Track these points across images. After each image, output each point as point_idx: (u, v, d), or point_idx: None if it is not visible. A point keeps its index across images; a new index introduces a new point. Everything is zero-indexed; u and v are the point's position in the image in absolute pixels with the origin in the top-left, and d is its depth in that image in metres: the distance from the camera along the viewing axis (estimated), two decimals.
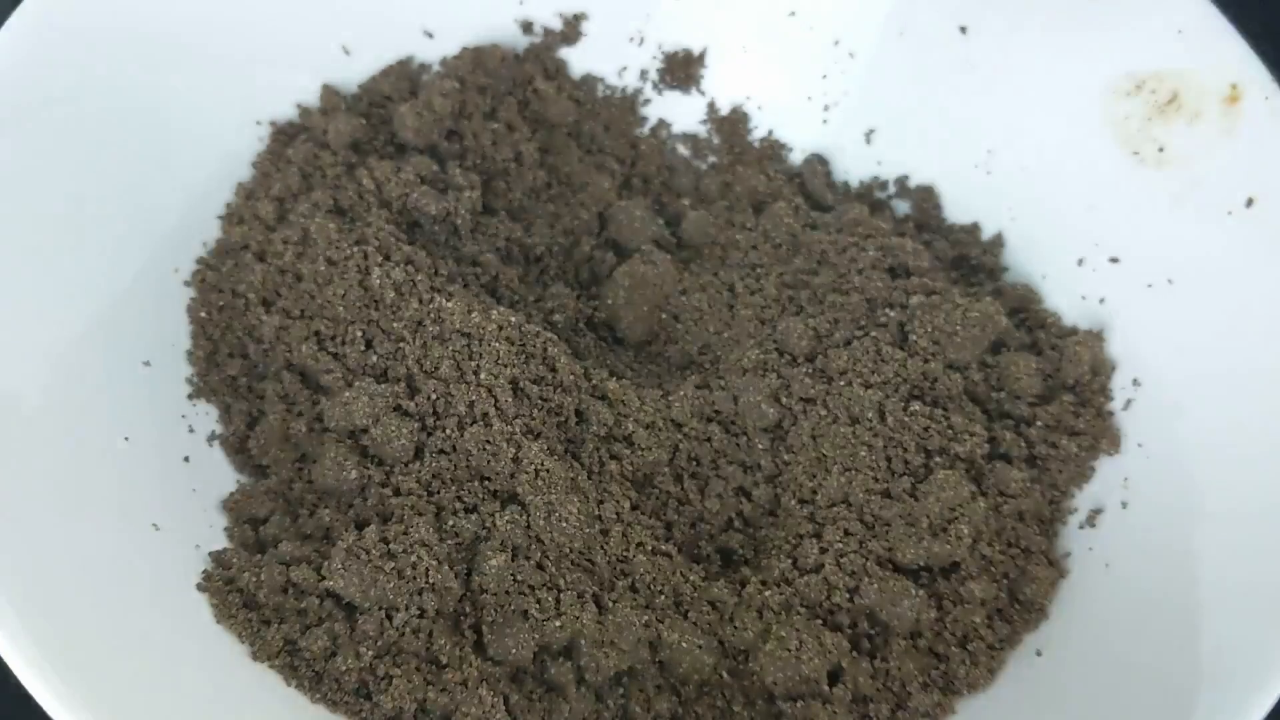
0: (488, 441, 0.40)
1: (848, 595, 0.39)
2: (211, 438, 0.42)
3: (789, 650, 0.38)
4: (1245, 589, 0.35)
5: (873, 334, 0.43)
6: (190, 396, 0.43)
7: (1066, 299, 0.46)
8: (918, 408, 0.41)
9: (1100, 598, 0.39)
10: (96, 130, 0.42)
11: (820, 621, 0.39)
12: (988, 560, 0.40)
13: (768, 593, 0.39)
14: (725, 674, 0.39)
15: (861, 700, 0.38)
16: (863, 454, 0.41)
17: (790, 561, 0.40)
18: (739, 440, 0.43)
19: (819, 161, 0.52)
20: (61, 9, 0.42)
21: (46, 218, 0.41)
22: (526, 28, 0.51)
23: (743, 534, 0.42)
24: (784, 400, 0.42)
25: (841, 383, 0.42)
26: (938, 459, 0.41)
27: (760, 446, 0.43)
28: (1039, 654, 0.39)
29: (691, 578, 0.40)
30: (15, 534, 0.34)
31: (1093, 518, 0.41)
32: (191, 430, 0.42)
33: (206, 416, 0.43)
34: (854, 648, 0.39)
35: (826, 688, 0.38)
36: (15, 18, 0.41)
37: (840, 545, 0.40)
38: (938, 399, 0.42)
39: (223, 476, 0.42)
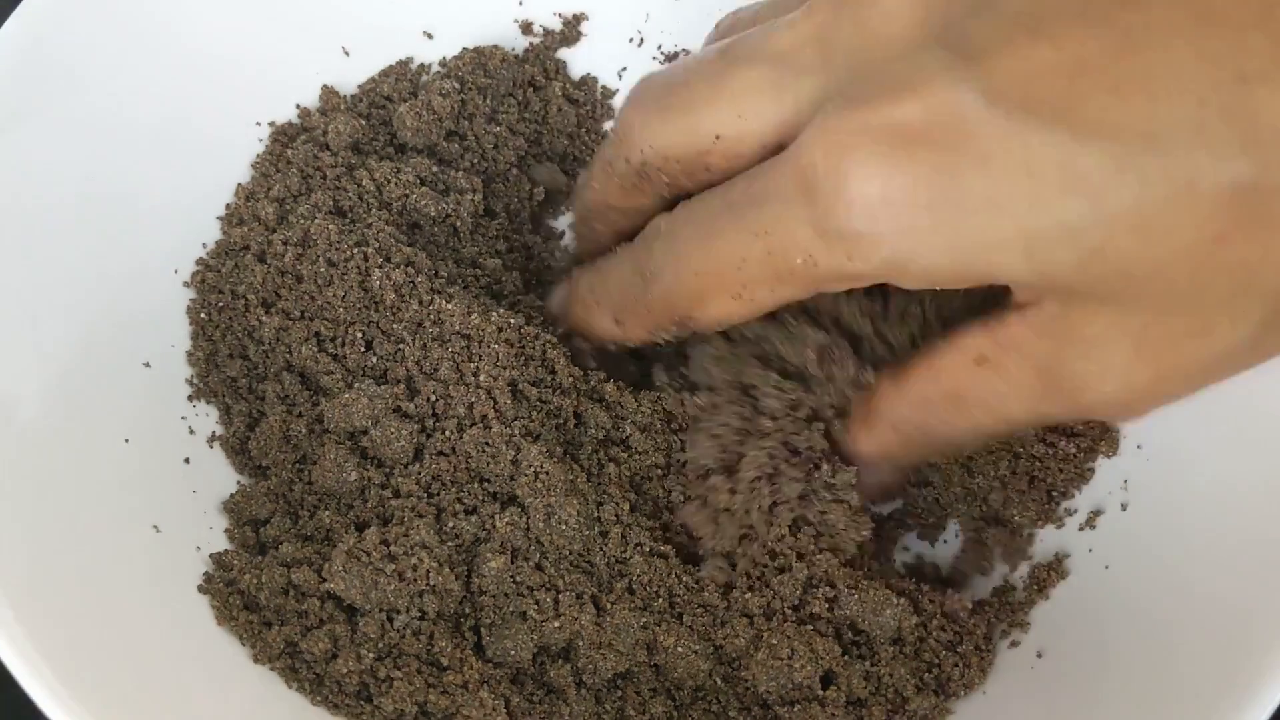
0: (487, 443, 0.40)
1: (827, 605, 0.39)
2: (212, 439, 0.42)
3: (780, 659, 0.38)
4: (1249, 588, 0.35)
5: None
6: (190, 398, 0.43)
7: None
8: None
9: (1101, 599, 0.39)
10: (93, 131, 0.42)
11: (810, 628, 0.39)
12: None
13: (749, 595, 0.39)
14: (720, 680, 0.39)
15: (856, 703, 0.38)
16: None
17: (769, 560, 0.40)
18: None
19: None
20: (59, 11, 0.42)
21: (43, 219, 0.40)
22: (526, 28, 0.51)
23: None
24: None
25: None
26: None
27: None
28: (1040, 656, 0.39)
29: (685, 579, 0.40)
30: (15, 537, 0.34)
31: (1092, 519, 0.41)
32: (192, 432, 0.42)
33: (206, 418, 0.43)
34: (845, 652, 0.39)
35: (820, 692, 0.38)
36: (13, 19, 0.41)
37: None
38: None
39: (223, 478, 0.42)
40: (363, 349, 0.42)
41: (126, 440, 0.39)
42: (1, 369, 0.37)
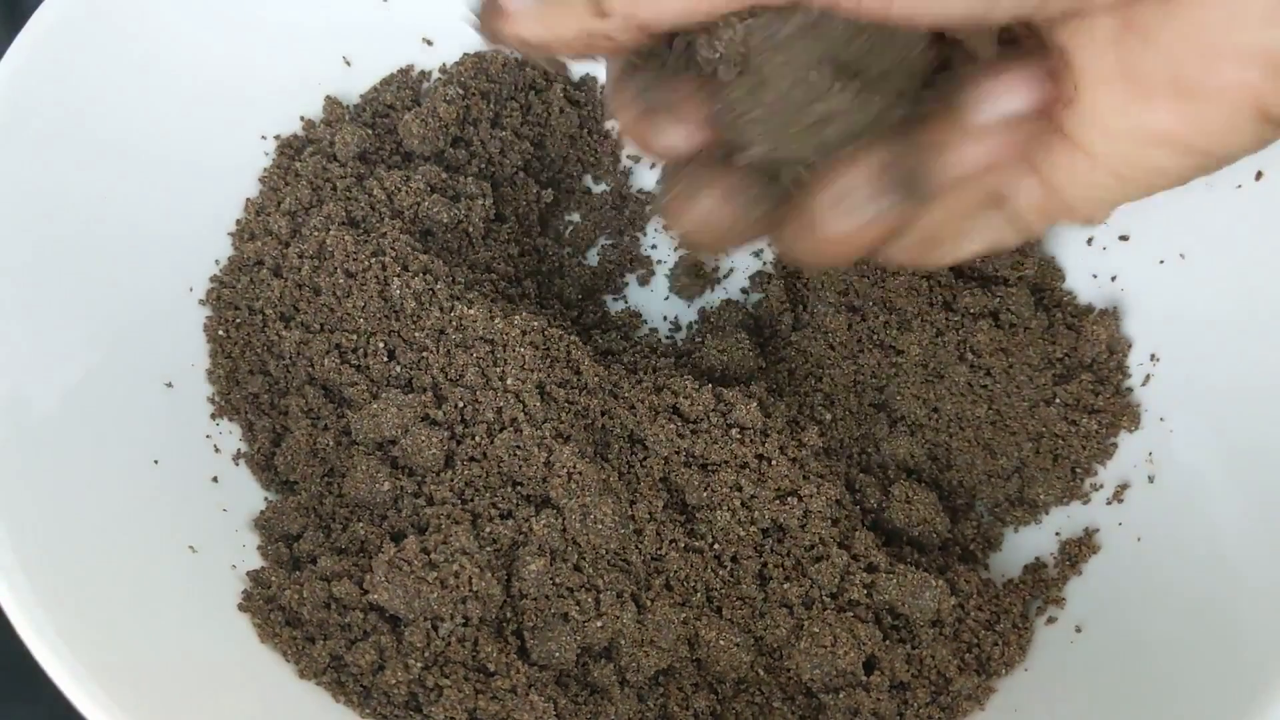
0: (518, 447, 0.39)
1: (865, 591, 0.39)
2: (237, 456, 0.42)
3: (823, 647, 0.38)
4: None
5: None
6: (213, 416, 0.42)
7: (1078, 279, 0.46)
8: None
9: (1137, 571, 0.39)
10: (98, 150, 0.42)
11: (850, 614, 0.39)
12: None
13: (787, 584, 0.39)
14: (762, 671, 0.39)
15: (900, 687, 0.39)
16: None
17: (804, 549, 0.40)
18: None
19: None
20: (66, 33, 0.41)
21: (49, 235, 0.40)
22: None
23: None
24: None
25: None
26: None
27: None
28: (1079, 630, 0.39)
29: (722, 573, 0.40)
30: (65, 571, 0.34)
31: (1120, 493, 0.42)
32: (217, 450, 0.42)
33: (230, 435, 0.42)
34: (885, 637, 0.39)
35: (864, 678, 0.38)
36: (19, 41, 0.40)
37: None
38: None
39: (250, 495, 0.41)
40: (386, 359, 0.42)
41: (156, 462, 0.39)
42: (24, 402, 0.37)
